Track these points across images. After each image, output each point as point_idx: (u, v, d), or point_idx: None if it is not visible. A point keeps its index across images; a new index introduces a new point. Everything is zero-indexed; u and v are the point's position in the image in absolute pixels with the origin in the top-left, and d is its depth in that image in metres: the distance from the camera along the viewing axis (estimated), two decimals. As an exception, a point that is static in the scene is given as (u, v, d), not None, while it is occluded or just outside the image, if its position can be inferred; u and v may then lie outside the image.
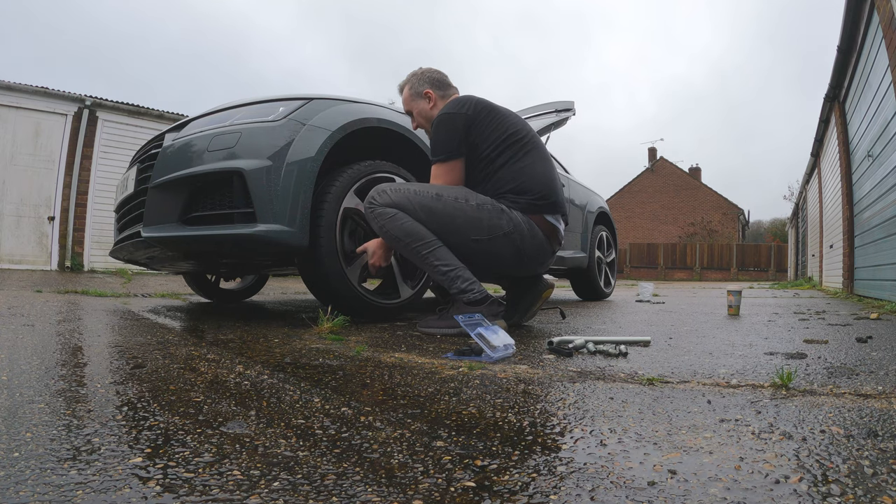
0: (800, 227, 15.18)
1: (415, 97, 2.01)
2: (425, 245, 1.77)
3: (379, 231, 1.81)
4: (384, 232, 1.79)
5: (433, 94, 2.00)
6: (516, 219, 1.81)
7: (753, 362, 1.29)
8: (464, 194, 1.81)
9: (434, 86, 2.01)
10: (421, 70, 2.05)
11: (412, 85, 2.02)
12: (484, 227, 1.78)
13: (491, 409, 0.89)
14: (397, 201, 1.77)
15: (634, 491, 0.57)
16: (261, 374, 1.15)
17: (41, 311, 2.36)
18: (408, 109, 2.06)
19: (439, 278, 1.79)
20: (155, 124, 8.60)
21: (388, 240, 1.81)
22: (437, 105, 1.99)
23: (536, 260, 1.91)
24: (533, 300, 1.99)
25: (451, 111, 1.86)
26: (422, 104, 2.01)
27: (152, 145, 2.24)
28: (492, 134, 1.85)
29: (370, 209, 1.80)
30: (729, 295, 2.78)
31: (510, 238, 1.80)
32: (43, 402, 0.88)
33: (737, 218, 28.95)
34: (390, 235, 1.78)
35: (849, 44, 5.27)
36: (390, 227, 1.76)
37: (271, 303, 3.51)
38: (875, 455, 0.67)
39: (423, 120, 2.02)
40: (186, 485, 0.57)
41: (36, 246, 7.82)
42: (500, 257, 1.83)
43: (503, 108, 1.93)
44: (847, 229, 5.93)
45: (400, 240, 1.77)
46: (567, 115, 3.78)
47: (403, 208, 1.77)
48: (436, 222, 1.77)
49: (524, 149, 1.87)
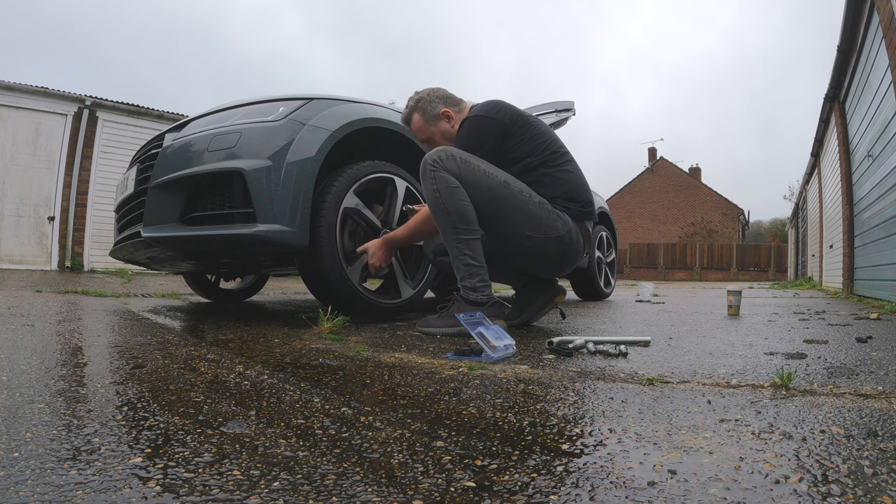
0: (800, 227, 15.18)
1: (431, 121, 1.91)
2: (468, 231, 1.69)
3: (430, 195, 1.68)
4: (436, 199, 1.67)
5: (451, 111, 1.92)
6: (569, 224, 1.81)
7: (753, 362, 1.29)
8: (528, 189, 1.76)
9: (448, 103, 1.93)
10: (425, 92, 1.94)
11: (423, 111, 1.91)
12: (542, 226, 1.76)
13: (491, 409, 0.89)
14: (463, 174, 1.67)
15: (634, 491, 0.57)
16: (261, 374, 1.15)
17: (41, 311, 2.36)
18: (426, 137, 1.94)
19: (460, 268, 1.73)
20: (155, 124, 8.61)
21: (434, 208, 1.69)
22: (458, 121, 1.91)
23: (571, 265, 1.92)
24: (546, 302, 2.00)
25: (487, 115, 1.78)
26: (443, 126, 1.91)
27: (152, 145, 2.24)
28: (532, 141, 1.83)
29: (433, 169, 1.66)
30: (729, 295, 2.78)
31: (561, 241, 1.80)
32: (43, 402, 0.88)
33: (737, 218, 28.95)
34: (440, 206, 1.67)
35: (849, 44, 5.28)
36: (446, 198, 1.66)
37: (271, 303, 3.51)
38: (875, 455, 0.67)
39: (446, 141, 1.91)
40: (186, 485, 0.57)
41: (36, 246, 7.82)
42: (545, 257, 1.83)
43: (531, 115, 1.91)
44: (847, 229, 5.93)
45: (448, 214, 1.67)
46: (567, 115, 3.77)
47: (465, 184, 1.67)
48: (494, 209, 1.71)
49: (565, 157, 1.89)
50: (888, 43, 3.72)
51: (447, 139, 1.91)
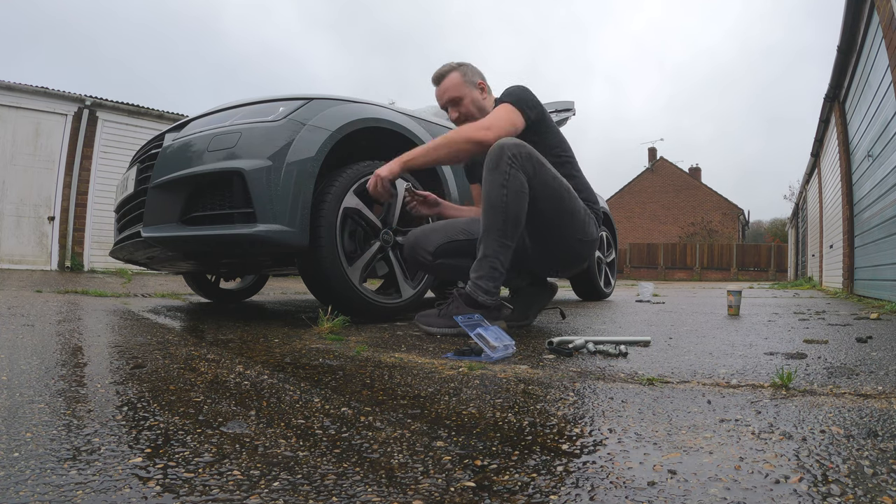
0: (800, 227, 15.18)
1: (469, 84, 1.88)
2: (511, 239, 1.64)
3: (494, 186, 1.60)
4: (501, 195, 1.59)
5: (486, 86, 1.93)
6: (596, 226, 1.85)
7: (753, 362, 1.29)
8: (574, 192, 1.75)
9: (484, 79, 1.94)
10: (466, 63, 1.94)
11: (465, 73, 1.89)
12: (589, 230, 1.79)
13: (491, 409, 0.89)
14: (537, 176, 1.63)
15: (634, 491, 0.57)
16: (261, 374, 1.15)
17: (41, 311, 2.36)
18: (457, 95, 1.87)
19: (485, 269, 1.66)
20: (155, 124, 8.60)
21: (493, 202, 1.60)
22: (489, 101, 1.91)
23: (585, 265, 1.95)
24: (548, 300, 2.05)
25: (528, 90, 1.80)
26: (476, 94, 1.89)
27: (152, 145, 2.24)
28: (553, 138, 1.84)
29: (510, 164, 1.58)
30: (729, 295, 2.78)
31: (593, 245, 1.84)
32: (43, 402, 0.88)
33: (737, 218, 28.95)
34: (501, 203, 1.59)
35: (849, 44, 5.28)
36: (511, 200, 1.59)
37: (271, 303, 3.51)
38: (875, 455, 0.67)
39: (475, 109, 1.87)
40: (186, 485, 0.57)
41: (36, 246, 7.82)
42: (579, 259, 1.85)
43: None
44: (847, 229, 5.93)
45: (505, 215, 1.60)
46: (567, 115, 3.78)
47: (536, 186, 1.64)
48: (558, 213, 1.69)
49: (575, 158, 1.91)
50: (888, 43, 3.72)
51: (477, 108, 1.88)
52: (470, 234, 1.88)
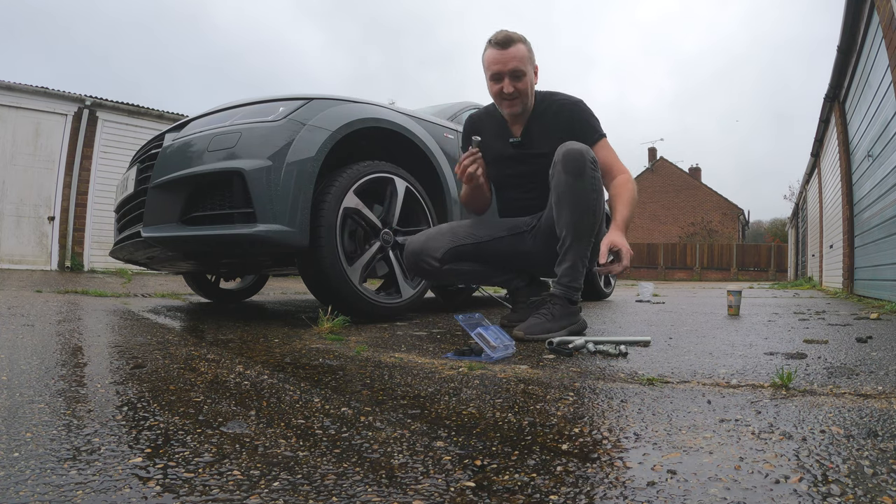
0: (800, 227, 15.18)
1: (531, 62, 1.85)
2: (597, 236, 1.75)
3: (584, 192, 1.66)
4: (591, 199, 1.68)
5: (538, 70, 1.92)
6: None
7: (753, 362, 1.29)
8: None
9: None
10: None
11: (531, 50, 1.85)
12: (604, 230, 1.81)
13: (491, 409, 0.89)
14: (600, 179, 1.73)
15: (634, 491, 0.57)
16: (261, 374, 1.15)
17: (41, 311, 2.36)
18: (522, 69, 1.81)
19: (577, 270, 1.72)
20: (155, 124, 8.60)
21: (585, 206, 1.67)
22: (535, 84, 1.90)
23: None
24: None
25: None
26: (531, 72, 1.86)
27: (152, 145, 2.24)
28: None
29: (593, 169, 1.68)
30: (729, 295, 2.78)
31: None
32: (43, 402, 0.88)
33: (737, 218, 28.96)
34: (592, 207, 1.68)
35: (849, 44, 5.27)
36: (600, 203, 1.72)
37: (271, 303, 3.51)
38: (875, 455, 0.67)
39: (528, 87, 1.84)
40: (186, 485, 0.57)
41: (36, 246, 7.82)
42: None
43: None
44: (847, 229, 5.93)
45: (595, 217, 1.70)
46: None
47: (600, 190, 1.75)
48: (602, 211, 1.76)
49: None
50: (888, 43, 3.72)
51: (528, 85, 1.85)
52: (477, 238, 1.89)
